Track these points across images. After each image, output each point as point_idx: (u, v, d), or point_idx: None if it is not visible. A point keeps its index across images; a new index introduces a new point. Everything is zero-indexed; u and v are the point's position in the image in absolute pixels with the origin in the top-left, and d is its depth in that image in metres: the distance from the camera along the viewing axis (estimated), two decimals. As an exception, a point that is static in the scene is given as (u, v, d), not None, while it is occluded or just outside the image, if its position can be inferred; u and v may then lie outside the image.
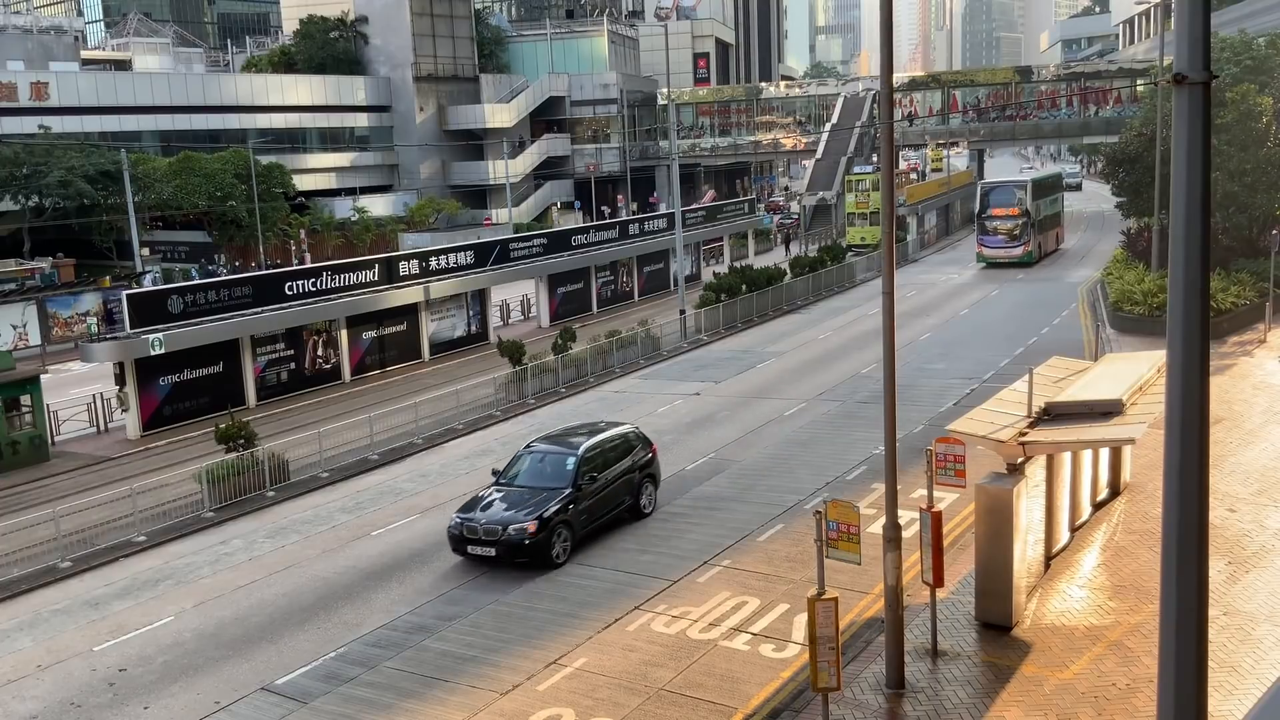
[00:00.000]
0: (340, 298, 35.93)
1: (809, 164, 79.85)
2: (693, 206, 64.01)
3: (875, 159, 74.06)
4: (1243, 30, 43.13)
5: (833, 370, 33.34)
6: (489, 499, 19.39)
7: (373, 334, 37.72)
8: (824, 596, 11.67)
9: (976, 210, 55.54)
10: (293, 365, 35.03)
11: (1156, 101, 39.45)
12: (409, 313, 38.91)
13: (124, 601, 18.70)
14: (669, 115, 71.42)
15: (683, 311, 40.99)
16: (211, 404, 31.66)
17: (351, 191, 76.20)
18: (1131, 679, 13.23)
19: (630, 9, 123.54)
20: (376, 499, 23.67)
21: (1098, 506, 19.12)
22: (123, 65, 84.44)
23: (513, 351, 32.80)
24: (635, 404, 30.82)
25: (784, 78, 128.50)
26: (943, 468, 14.36)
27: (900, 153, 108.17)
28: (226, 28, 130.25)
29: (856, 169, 69.65)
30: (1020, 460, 14.98)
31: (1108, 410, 15.98)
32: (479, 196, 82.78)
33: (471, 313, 42.29)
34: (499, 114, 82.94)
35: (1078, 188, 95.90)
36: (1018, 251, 53.73)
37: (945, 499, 19.12)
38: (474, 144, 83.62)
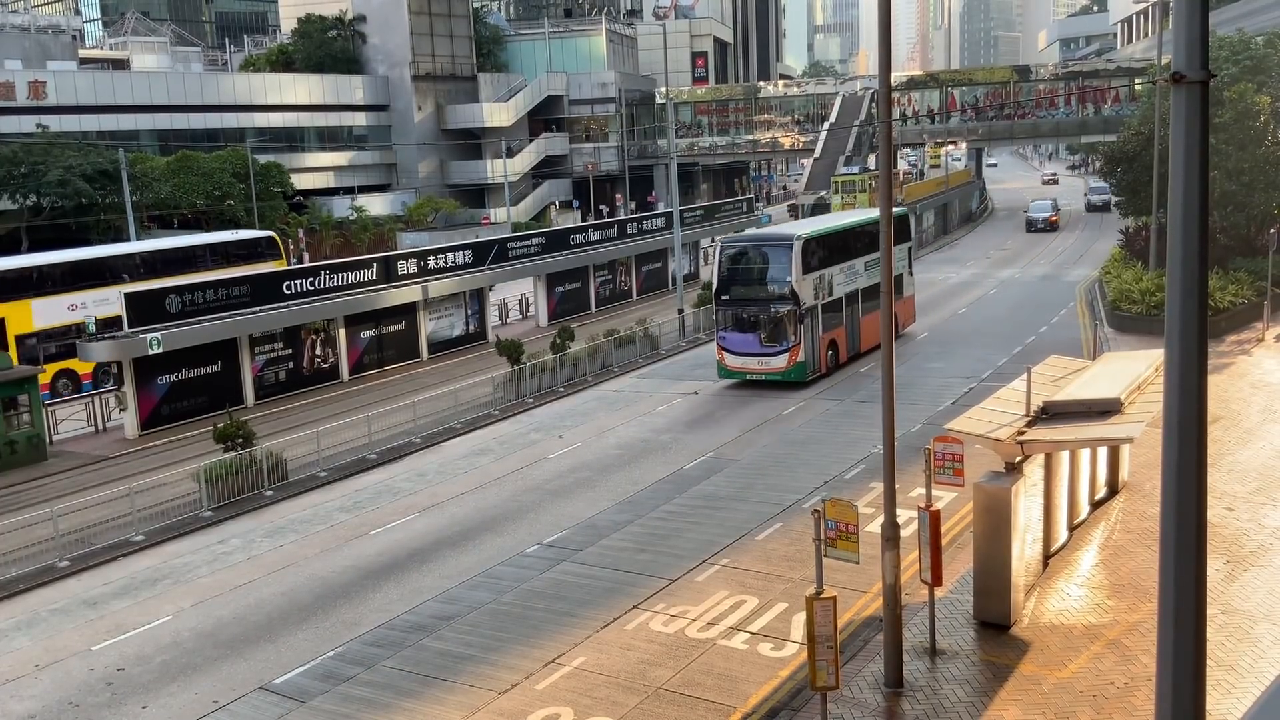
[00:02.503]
0: (338, 297, 35.92)
1: (807, 163, 79.85)
2: (691, 207, 63.98)
3: (873, 159, 74.01)
4: (1241, 29, 43.13)
5: (831, 369, 33.32)
6: None
7: (371, 333, 37.70)
8: (822, 595, 11.68)
9: (715, 285, 32.41)
10: (291, 364, 34.99)
11: (1154, 100, 39.49)
12: (407, 312, 38.89)
13: (122, 601, 18.68)
14: (667, 114, 71.42)
15: (681, 310, 40.98)
16: (209, 403, 31.63)
17: (350, 191, 76.16)
18: (1130, 677, 13.23)
19: (628, 8, 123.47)
20: (375, 498, 23.66)
21: (1096, 505, 19.13)
22: (120, 64, 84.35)
23: (511, 351, 32.80)
24: (634, 403, 30.82)
25: (782, 77, 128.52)
26: (941, 467, 14.38)
27: (899, 152, 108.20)
28: (224, 27, 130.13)
29: (843, 170, 67.72)
30: (1018, 459, 14.98)
31: (1106, 409, 15.99)
32: (477, 195, 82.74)
33: (470, 312, 42.28)
34: (497, 113, 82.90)
35: (1105, 208, 76.36)
36: (778, 362, 30.60)
37: (943, 498, 19.13)
38: (472, 143, 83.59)
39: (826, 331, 31.99)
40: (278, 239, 46.31)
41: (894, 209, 42.47)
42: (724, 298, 31.37)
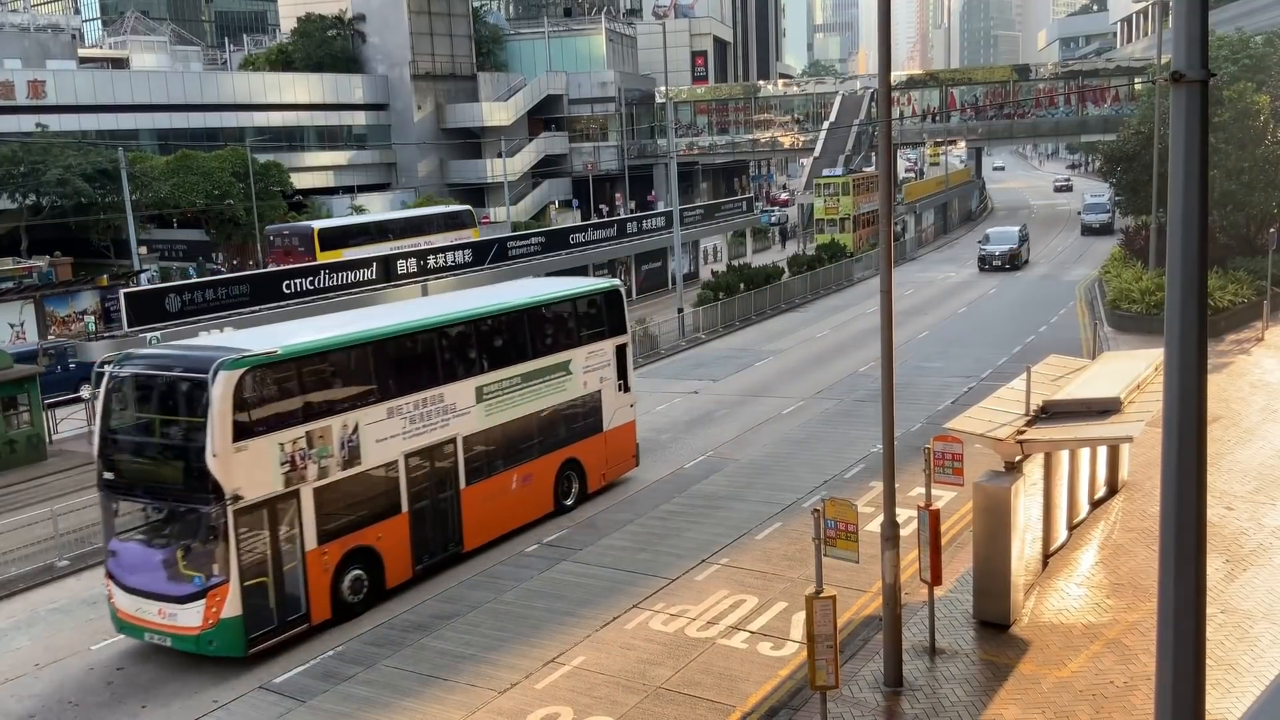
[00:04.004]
0: (337, 296, 35.89)
1: (806, 162, 79.82)
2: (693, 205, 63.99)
3: (873, 159, 73.93)
4: (1240, 29, 43.13)
5: (831, 368, 33.33)
6: None
7: (370, 332, 37.60)
8: (822, 595, 11.67)
9: (95, 445, 17.49)
10: (290, 364, 34.90)
11: (1154, 100, 39.48)
12: (407, 311, 38.79)
13: (122, 600, 18.64)
14: (667, 114, 71.35)
15: (681, 310, 40.98)
16: (209, 403, 31.52)
17: (349, 190, 76.10)
18: (1129, 677, 13.23)
19: (628, 7, 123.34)
20: (374, 497, 23.59)
21: (1095, 505, 19.14)
22: (120, 63, 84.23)
23: (510, 350, 32.67)
24: (633, 402, 30.78)
25: (782, 76, 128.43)
26: (940, 466, 14.37)
27: (899, 152, 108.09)
28: (224, 26, 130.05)
29: (825, 171, 66.11)
30: (1018, 458, 14.98)
31: (1105, 408, 15.99)
32: (477, 195, 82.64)
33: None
34: (497, 112, 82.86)
35: (1105, 230, 64.52)
36: (189, 616, 15.44)
37: (943, 497, 19.13)
38: (472, 142, 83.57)
39: (331, 540, 16.73)
40: (473, 211, 62.40)
41: (603, 281, 24.03)
42: (107, 475, 16.87)
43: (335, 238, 51.54)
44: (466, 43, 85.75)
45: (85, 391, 30.97)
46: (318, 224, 53.70)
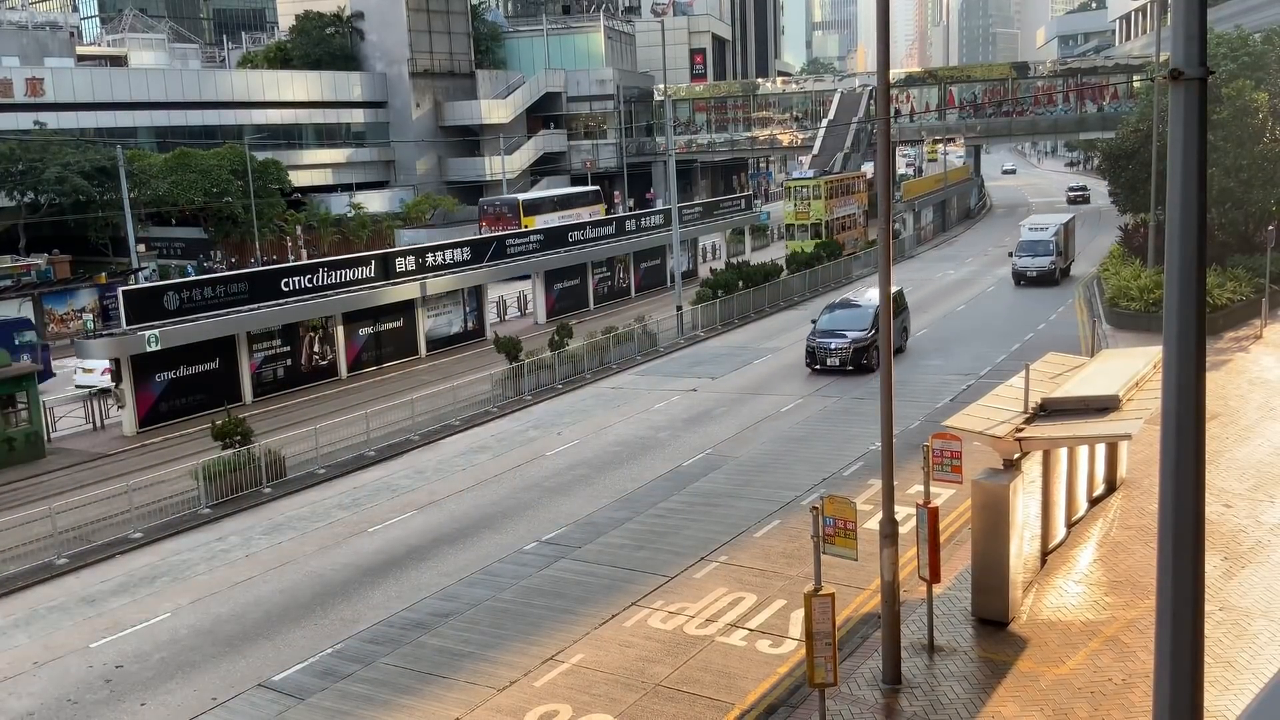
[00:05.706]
0: (336, 294, 35.89)
1: (805, 160, 79.80)
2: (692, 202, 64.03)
3: (868, 160, 73.83)
4: (1239, 26, 43.15)
5: (829, 366, 33.29)
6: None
7: (369, 330, 37.67)
8: (820, 592, 11.68)
9: None
10: (289, 362, 34.97)
11: (1153, 97, 39.48)
12: (405, 309, 38.86)
13: (120, 598, 18.67)
14: (665, 111, 71.27)
15: (679, 308, 40.99)
16: (208, 400, 31.61)
17: (348, 188, 76.11)
18: (1128, 674, 13.25)
19: (627, 5, 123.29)
20: (373, 495, 23.65)
21: (1094, 502, 19.15)
22: (118, 61, 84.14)
23: (509, 348, 32.80)
24: (632, 400, 30.82)
25: (780, 73, 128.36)
26: (939, 463, 14.38)
27: (897, 149, 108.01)
28: (222, 24, 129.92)
29: (795, 174, 62.97)
30: (1017, 456, 14.99)
31: (1104, 406, 15.99)
32: (475, 192, 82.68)
33: (468, 309, 42.26)
34: (495, 110, 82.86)
35: (1050, 279, 46.88)
36: None
37: (942, 495, 19.13)
38: (470, 140, 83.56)
39: None
40: (601, 191, 75.25)
41: None
42: None
43: (531, 207, 63.72)
44: (465, 40, 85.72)
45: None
46: (522, 196, 67.11)
